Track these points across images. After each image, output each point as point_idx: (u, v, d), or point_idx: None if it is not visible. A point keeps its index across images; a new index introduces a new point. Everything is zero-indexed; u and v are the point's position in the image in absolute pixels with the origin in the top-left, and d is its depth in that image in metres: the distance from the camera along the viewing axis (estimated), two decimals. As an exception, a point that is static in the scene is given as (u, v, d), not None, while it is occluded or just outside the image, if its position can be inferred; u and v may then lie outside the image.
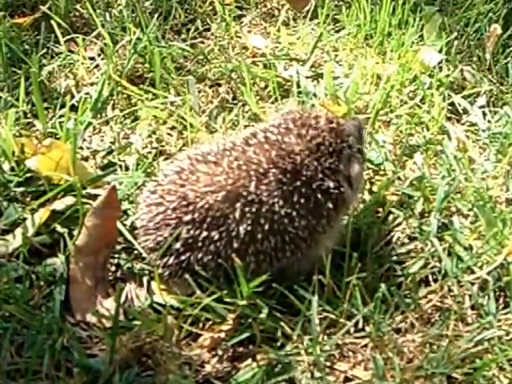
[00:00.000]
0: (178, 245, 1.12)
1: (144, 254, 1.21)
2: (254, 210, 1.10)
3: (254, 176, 1.11)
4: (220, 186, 1.11)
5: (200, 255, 1.11)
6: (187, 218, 1.11)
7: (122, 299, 1.15)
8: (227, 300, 1.12)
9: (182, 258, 1.12)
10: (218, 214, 1.10)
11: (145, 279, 1.21)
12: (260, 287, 1.10)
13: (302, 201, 1.12)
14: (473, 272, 1.24)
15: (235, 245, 1.10)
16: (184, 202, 1.12)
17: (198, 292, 1.12)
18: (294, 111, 1.22)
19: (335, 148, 1.17)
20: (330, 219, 1.15)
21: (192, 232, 1.11)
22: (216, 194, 1.11)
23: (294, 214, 1.11)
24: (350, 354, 1.12)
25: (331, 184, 1.14)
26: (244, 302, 1.10)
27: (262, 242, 1.11)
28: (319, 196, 1.13)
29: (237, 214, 1.10)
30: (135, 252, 1.25)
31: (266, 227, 1.10)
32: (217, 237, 1.10)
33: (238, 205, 1.10)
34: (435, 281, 1.24)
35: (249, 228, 1.10)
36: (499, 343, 1.12)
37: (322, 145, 1.15)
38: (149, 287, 1.20)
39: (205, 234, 1.10)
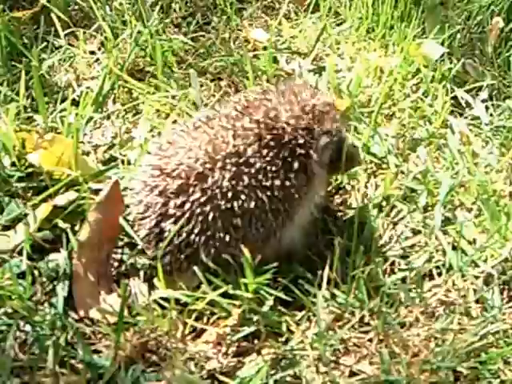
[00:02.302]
0: (167, 223, 1.13)
1: (144, 248, 1.20)
2: (233, 161, 1.12)
3: (231, 130, 1.14)
4: (200, 146, 1.14)
5: (190, 226, 1.12)
6: (172, 187, 1.13)
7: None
8: (232, 293, 1.11)
9: (176, 241, 1.13)
10: (201, 171, 1.12)
11: (148, 274, 1.20)
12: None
13: (272, 154, 1.13)
14: (477, 266, 1.23)
15: (221, 202, 1.11)
16: (167, 171, 1.14)
17: (203, 286, 1.12)
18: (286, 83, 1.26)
19: (317, 111, 1.18)
20: (299, 184, 1.16)
21: (178, 203, 1.12)
22: (196, 157, 1.13)
23: (268, 168, 1.13)
24: (355, 348, 1.11)
25: (301, 140, 1.15)
26: (250, 295, 1.10)
27: (244, 199, 1.12)
28: (286, 154, 1.14)
29: (218, 169, 1.12)
30: (138, 247, 1.24)
31: (246, 181, 1.12)
32: (203, 199, 1.12)
33: (219, 157, 1.12)
34: (439, 275, 1.24)
35: (232, 182, 1.11)
36: (504, 337, 1.12)
37: (305, 106, 1.17)
38: (152, 282, 1.19)
39: (191, 198, 1.12)
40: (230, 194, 1.12)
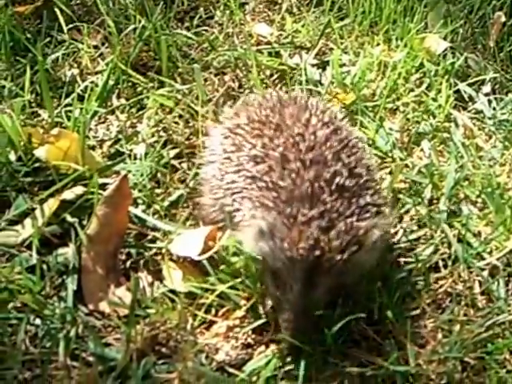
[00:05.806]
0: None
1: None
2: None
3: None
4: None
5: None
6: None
7: (135, 288, 1.15)
8: (241, 286, 1.12)
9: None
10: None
11: (156, 267, 1.21)
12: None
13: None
14: (482, 258, 1.25)
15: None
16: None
17: (212, 279, 1.13)
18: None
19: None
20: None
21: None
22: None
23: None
24: (364, 340, 1.12)
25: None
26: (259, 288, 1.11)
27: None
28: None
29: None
30: (147, 239, 1.25)
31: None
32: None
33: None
34: (445, 267, 1.25)
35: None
36: (510, 327, 1.13)
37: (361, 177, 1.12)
38: (161, 275, 1.19)
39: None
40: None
